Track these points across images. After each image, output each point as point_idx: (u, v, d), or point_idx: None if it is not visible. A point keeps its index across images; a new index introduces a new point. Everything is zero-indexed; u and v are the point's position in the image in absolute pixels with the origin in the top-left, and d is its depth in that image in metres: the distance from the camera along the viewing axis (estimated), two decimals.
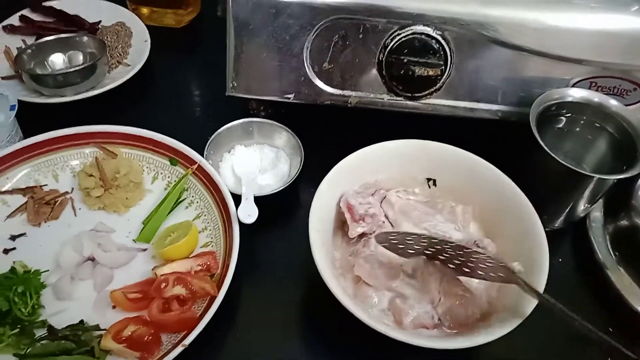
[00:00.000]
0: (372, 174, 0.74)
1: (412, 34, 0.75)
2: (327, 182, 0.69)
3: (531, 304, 0.59)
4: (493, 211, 0.71)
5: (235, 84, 0.81)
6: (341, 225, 0.72)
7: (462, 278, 0.66)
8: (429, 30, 0.75)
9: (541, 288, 0.60)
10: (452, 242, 0.62)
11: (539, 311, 0.59)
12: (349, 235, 0.69)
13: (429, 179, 0.76)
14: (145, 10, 1.08)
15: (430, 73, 0.77)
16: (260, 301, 0.71)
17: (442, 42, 0.75)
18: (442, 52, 0.76)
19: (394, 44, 0.76)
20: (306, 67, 0.79)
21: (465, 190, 0.73)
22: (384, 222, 0.70)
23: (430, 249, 0.64)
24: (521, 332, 0.58)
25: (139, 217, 0.77)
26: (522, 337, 0.59)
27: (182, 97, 0.97)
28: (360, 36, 0.77)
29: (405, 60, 0.76)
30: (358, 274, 0.66)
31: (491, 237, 0.70)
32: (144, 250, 0.73)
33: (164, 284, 0.65)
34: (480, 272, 0.62)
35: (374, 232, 0.69)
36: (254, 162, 0.83)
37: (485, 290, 0.66)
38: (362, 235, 0.69)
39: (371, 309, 0.65)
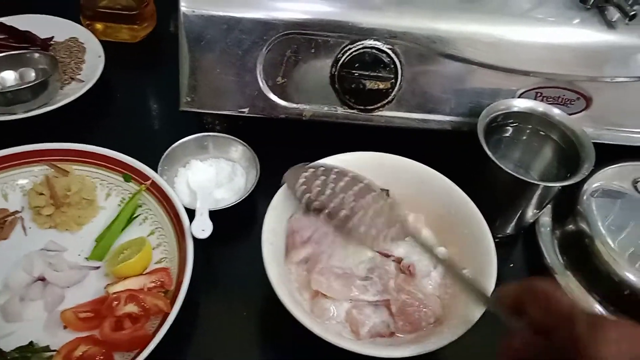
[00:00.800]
0: None
1: (362, 48, 0.76)
2: (280, 195, 0.69)
3: (479, 310, 0.60)
4: (444, 219, 0.72)
5: (189, 99, 0.81)
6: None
7: (416, 281, 0.67)
8: (379, 44, 0.76)
9: (489, 292, 0.61)
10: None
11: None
12: (293, 261, 0.69)
13: (382, 190, 0.77)
14: (99, 26, 1.07)
15: (381, 86, 0.78)
16: (217, 317, 0.71)
17: (392, 55, 0.77)
18: (392, 66, 0.77)
19: (345, 58, 0.77)
20: (260, 82, 0.80)
21: (417, 199, 0.74)
22: (330, 244, 0.70)
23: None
24: (477, 338, 0.59)
25: (92, 234, 0.76)
26: (477, 343, 0.60)
27: (137, 112, 0.96)
28: (313, 51, 0.78)
29: (356, 74, 0.77)
30: (315, 289, 0.66)
31: (444, 244, 0.72)
32: (97, 268, 0.72)
33: (115, 302, 0.64)
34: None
35: (320, 253, 0.69)
36: (210, 177, 0.83)
37: (438, 296, 0.68)
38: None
39: (329, 321, 0.65)
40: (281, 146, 0.85)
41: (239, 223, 0.80)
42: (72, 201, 0.75)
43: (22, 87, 0.87)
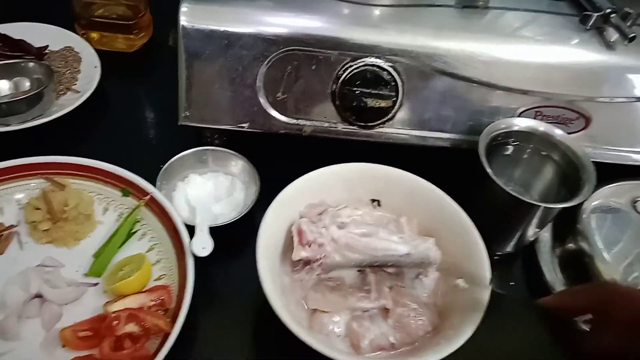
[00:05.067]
0: (318, 198, 0.75)
1: (363, 65, 0.76)
2: (273, 208, 0.69)
3: (475, 320, 0.61)
4: (436, 228, 0.73)
5: (188, 114, 0.81)
6: (289, 250, 0.72)
7: (409, 291, 0.68)
8: (380, 62, 0.76)
9: (484, 305, 0.62)
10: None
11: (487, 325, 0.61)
12: (292, 258, 0.69)
13: (373, 200, 0.77)
14: (95, 35, 1.06)
15: (382, 104, 0.78)
16: (216, 334, 0.70)
17: (394, 73, 0.77)
18: (393, 83, 0.77)
19: (346, 75, 0.77)
20: (260, 97, 0.79)
21: (408, 209, 0.75)
22: (330, 252, 0.70)
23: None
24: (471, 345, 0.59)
25: (90, 250, 0.75)
26: (472, 349, 0.60)
27: (134, 125, 0.95)
28: (314, 67, 0.77)
29: (357, 92, 0.77)
30: (314, 307, 0.66)
31: None
32: (95, 284, 0.71)
33: (115, 322, 0.63)
34: None
35: (317, 259, 0.69)
36: (209, 191, 0.83)
37: (434, 305, 0.69)
38: (306, 262, 0.70)
39: (328, 335, 0.65)
40: (281, 161, 0.85)
41: (237, 238, 0.79)
42: (70, 216, 0.74)
43: (17, 98, 0.86)
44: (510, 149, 0.81)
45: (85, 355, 0.63)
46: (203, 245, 0.70)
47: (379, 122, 0.81)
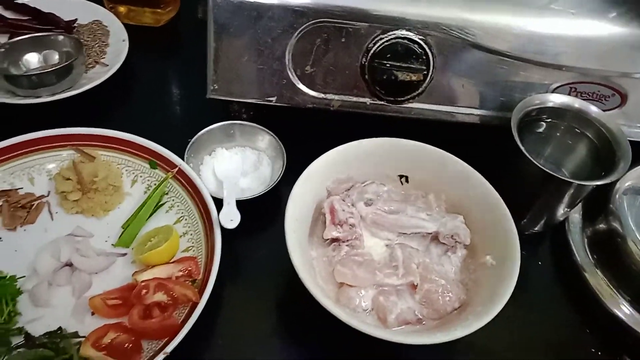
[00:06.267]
0: (345, 172, 0.74)
1: (394, 38, 0.75)
2: (301, 181, 0.69)
3: (504, 296, 0.60)
4: (464, 204, 0.72)
5: (216, 87, 0.80)
6: (316, 225, 0.72)
7: (437, 268, 0.68)
8: (411, 34, 0.75)
9: (513, 281, 0.61)
10: None
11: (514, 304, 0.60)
12: (323, 237, 0.70)
13: (401, 176, 0.77)
14: (122, 9, 1.06)
15: (413, 78, 0.77)
16: (242, 306, 0.71)
17: (425, 46, 0.75)
18: (424, 57, 0.76)
19: (376, 48, 0.76)
20: (288, 71, 0.79)
21: (436, 184, 0.74)
22: (360, 235, 0.70)
23: None
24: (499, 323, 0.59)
25: (118, 221, 0.75)
26: (500, 327, 0.60)
27: (161, 98, 0.96)
28: (343, 40, 0.76)
29: (387, 65, 0.76)
30: (341, 281, 0.66)
31: None
32: (124, 255, 0.72)
33: (144, 291, 0.64)
34: None
35: (347, 240, 0.69)
36: (236, 165, 0.83)
37: (461, 280, 0.68)
38: (334, 239, 0.69)
39: (355, 310, 0.65)
40: (306, 135, 0.84)
41: (263, 213, 0.80)
42: (99, 187, 0.75)
43: (47, 70, 0.87)
44: (542, 126, 0.79)
45: (115, 322, 0.64)
46: (231, 217, 0.70)
47: (409, 96, 0.80)
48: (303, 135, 0.83)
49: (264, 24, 0.75)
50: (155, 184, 0.78)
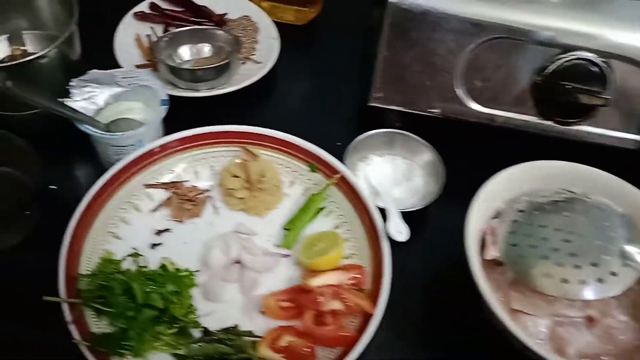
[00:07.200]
0: (514, 193, 0.71)
1: (575, 59, 0.73)
2: (477, 203, 0.67)
3: None
4: None
5: (381, 95, 0.80)
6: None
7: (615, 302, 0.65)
8: (592, 56, 0.73)
9: None
10: None
11: None
12: (483, 257, 0.68)
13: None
14: (265, 4, 1.07)
15: (590, 101, 0.74)
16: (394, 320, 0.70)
17: (605, 69, 0.73)
18: (603, 80, 0.73)
19: (554, 67, 0.74)
20: (457, 84, 0.78)
21: None
22: None
23: None
24: None
25: (277, 221, 0.76)
26: None
27: (310, 99, 0.96)
28: (518, 57, 0.75)
29: (568, 86, 0.74)
30: (517, 308, 0.64)
31: None
32: (287, 256, 0.73)
33: (321, 297, 0.64)
34: None
35: None
36: (388, 174, 0.82)
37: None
38: (498, 263, 0.68)
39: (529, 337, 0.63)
40: (462, 149, 0.82)
41: (415, 224, 0.79)
42: (265, 186, 0.75)
43: (211, 65, 0.88)
44: None
45: (286, 325, 0.65)
46: (400, 230, 0.70)
47: (580, 119, 0.77)
48: (456, 149, 0.81)
49: (440, 35, 0.74)
50: (312, 187, 0.78)
